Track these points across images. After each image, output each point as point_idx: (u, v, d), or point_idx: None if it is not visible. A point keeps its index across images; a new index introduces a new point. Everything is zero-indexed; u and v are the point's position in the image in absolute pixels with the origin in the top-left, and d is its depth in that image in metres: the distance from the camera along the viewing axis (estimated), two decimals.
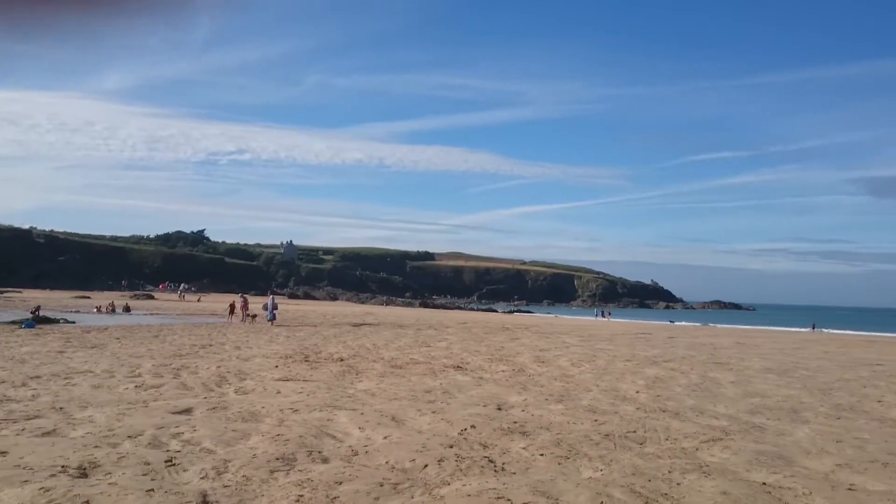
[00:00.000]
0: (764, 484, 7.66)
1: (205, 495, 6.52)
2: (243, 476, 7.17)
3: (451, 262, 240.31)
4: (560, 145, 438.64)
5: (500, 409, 12.13)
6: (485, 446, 9.07)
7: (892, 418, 12.56)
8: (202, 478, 7.07)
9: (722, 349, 30.17)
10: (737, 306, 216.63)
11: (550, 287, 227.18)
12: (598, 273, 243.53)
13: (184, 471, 7.33)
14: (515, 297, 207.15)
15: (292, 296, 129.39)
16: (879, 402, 14.68)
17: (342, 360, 19.49)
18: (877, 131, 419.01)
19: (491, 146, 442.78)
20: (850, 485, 7.74)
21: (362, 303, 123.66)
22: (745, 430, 10.88)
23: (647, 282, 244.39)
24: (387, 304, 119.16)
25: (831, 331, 67.73)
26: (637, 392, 14.92)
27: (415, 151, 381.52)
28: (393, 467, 7.81)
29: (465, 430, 10.07)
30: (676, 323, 75.39)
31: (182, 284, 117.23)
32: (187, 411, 10.83)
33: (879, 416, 12.84)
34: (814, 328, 70.65)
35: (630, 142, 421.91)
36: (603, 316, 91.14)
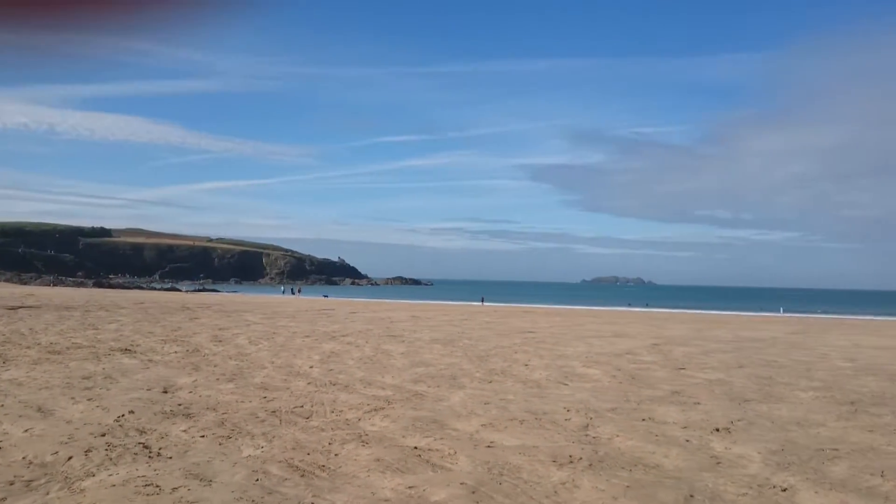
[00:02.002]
0: (415, 448, 8.16)
1: None
2: None
3: (131, 239, 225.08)
4: (249, 121, 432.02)
5: (166, 391, 11.62)
6: (142, 432, 8.61)
7: (533, 380, 14.06)
8: None
9: (398, 322, 31.70)
10: (416, 282, 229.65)
11: (238, 265, 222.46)
12: (286, 250, 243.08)
13: None
14: (201, 275, 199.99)
15: None
16: (526, 365, 16.37)
17: None
18: (536, 123, 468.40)
19: (176, 117, 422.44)
20: (490, 442, 8.53)
21: (24, 283, 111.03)
22: (407, 399, 11.52)
23: (335, 259, 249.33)
24: (54, 285, 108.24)
25: (496, 304, 74.14)
26: (311, 367, 15.13)
27: (90, 119, 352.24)
28: (30, 462, 7.12)
29: (123, 416, 9.50)
30: (329, 297, 79.41)
31: None
32: None
33: (524, 378, 14.32)
34: (483, 301, 76.82)
35: (318, 120, 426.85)
36: (293, 293, 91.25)
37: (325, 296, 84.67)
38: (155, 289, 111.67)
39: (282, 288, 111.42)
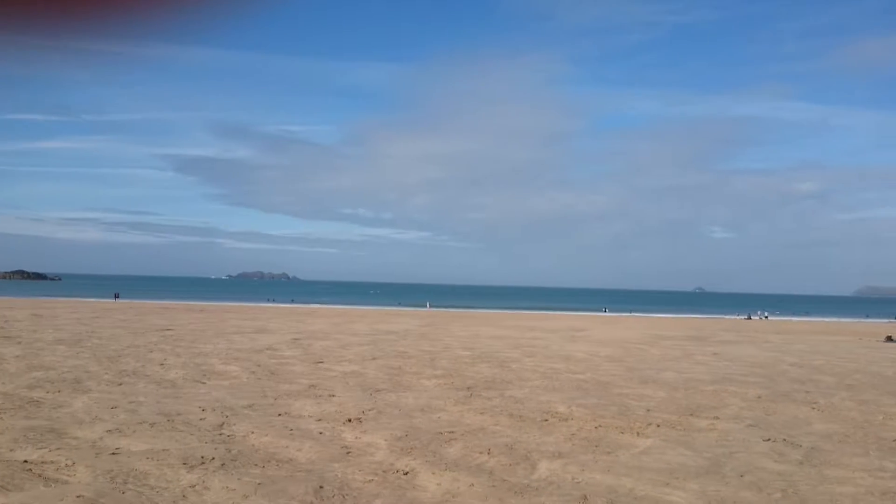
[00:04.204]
0: (26, 462, 7.38)
1: None
2: None
3: None
4: None
5: None
6: None
7: (169, 380, 13.50)
8: None
9: (15, 322, 28.43)
10: (42, 276, 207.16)
11: None
12: None
13: None
14: None
15: None
16: (162, 365, 15.65)
17: None
18: (182, 113, 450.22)
19: None
20: (115, 449, 8.00)
21: None
22: (20, 407, 10.38)
23: None
24: None
25: (133, 300, 69.72)
26: None
27: None
28: None
29: None
30: None
31: None
32: None
33: (159, 378, 13.68)
34: (117, 297, 71.73)
35: None
36: None
37: None
38: None
39: None
